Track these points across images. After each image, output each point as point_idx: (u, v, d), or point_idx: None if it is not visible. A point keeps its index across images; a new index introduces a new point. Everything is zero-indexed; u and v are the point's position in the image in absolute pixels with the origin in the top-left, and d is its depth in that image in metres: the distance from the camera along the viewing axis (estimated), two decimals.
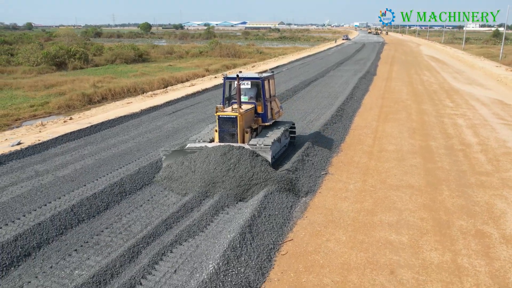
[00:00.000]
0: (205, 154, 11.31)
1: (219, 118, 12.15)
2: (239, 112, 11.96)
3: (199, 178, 10.81)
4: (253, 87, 13.32)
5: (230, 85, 13.71)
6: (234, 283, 6.98)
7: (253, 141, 12.13)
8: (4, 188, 11.47)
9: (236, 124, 12.00)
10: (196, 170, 11.07)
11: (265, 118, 13.27)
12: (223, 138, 12.27)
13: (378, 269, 7.88)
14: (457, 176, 12.78)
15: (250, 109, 12.81)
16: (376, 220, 9.81)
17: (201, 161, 11.16)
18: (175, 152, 12.08)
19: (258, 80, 13.09)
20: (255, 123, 13.09)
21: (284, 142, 14.35)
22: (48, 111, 28.49)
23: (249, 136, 12.46)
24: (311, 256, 8.26)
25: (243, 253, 7.78)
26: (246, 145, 11.76)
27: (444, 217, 10.07)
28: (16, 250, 7.96)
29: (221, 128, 12.23)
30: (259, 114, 13.18)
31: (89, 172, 12.58)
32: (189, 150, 11.95)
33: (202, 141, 12.56)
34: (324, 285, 7.36)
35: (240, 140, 12.16)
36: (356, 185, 11.96)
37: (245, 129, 12.33)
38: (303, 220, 9.74)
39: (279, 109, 14.62)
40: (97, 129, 17.95)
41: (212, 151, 11.32)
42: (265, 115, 13.21)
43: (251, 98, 13.28)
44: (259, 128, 13.42)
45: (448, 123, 19.81)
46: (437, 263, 8.11)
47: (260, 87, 13.16)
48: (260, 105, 13.17)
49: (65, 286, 7.05)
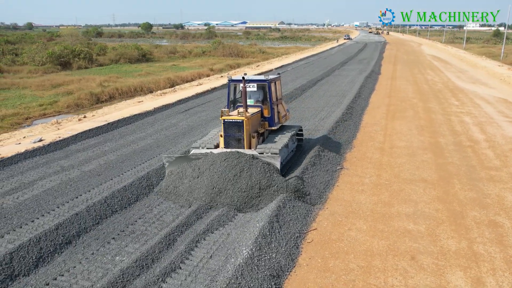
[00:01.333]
0: (210, 161, 10.72)
1: (224, 122, 11.59)
2: (245, 116, 11.39)
3: (204, 187, 10.23)
4: (259, 90, 12.84)
5: (235, 88, 13.23)
6: (268, 267, 7.47)
7: (260, 147, 11.68)
8: (34, 182, 11.96)
9: (242, 128, 11.45)
10: (200, 178, 10.48)
11: (272, 122, 12.72)
12: (228, 143, 11.70)
13: (399, 255, 8.37)
14: (467, 171, 13.26)
15: (257, 113, 12.29)
16: (394, 211, 10.31)
17: (206, 169, 10.57)
18: (179, 158, 11.47)
19: (265, 83, 12.54)
20: (262, 127, 12.53)
21: (292, 147, 13.84)
22: (57, 110, 28.87)
23: (256, 141, 11.90)
24: (335, 244, 8.75)
25: (273, 240, 8.28)
26: (253, 151, 11.35)
27: (458, 208, 10.56)
28: (58, 238, 8.44)
29: (226, 133, 11.65)
30: (265, 118, 12.66)
31: (113, 167, 13.07)
32: (194, 157, 11.38)
33: (206, 147, 11.99)
34: (350, 270, 7.85)
35: (247, 145, 11.62)
36: (371, 179, 12.45)
37: (252, 134, 11.77)
38: (325, 211, 10.24)
39: (286, 112, 14.03)
40: (114, 127, 18.44)
41: (217, 158, 10.75)
42: (272, 119, 12.69)
43: (257, 101, 12.88)
44: (266, 133, 12.86)
45: (455, 120, 20.30)
46: (454, 250, 8.60)
47: (266, 90, 12.68)
48: (267, 109, 12.65)
49: (109, 270, 7.53)
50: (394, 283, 7.46)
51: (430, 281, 7.53)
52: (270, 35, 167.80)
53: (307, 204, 10.26)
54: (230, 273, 7.05)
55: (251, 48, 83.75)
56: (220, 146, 11.95)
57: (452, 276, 7.71)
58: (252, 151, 11.40)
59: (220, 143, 11.96)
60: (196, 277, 7.33)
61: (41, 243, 8.13)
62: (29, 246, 7.95)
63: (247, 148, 11.60)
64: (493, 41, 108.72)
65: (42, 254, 7.96)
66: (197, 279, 7.29)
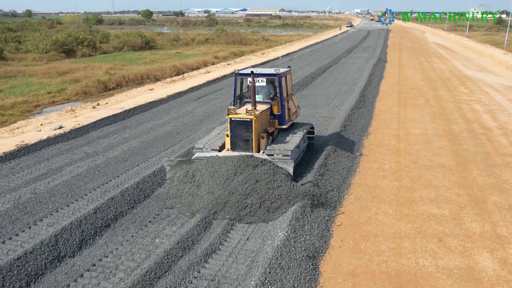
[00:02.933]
0: (216, 167, 9.72)
1: (231, 121, 10.53)
2: (254, 115, 10.36)
3: (206, 199, 9.26)
4: (268, 84, 11.80)
5: (241, 82, 12.16)
6: (304, 249, 7.79)
7: (270, 149, 10.62)
8: (61, 168, 12.23)
9: (251, 128, 10.40)
10: (202, 187, 9.54)
11: (282, 120, 11.64)
12: (235, 144, 10.70)
13: (427, 237, 8.68)
14: (483, 157, 13.54)
15: (266, 110, 11.21)
16: (417, 196, 10.61)
17: (210, 176, 9.60)
18: (181, 162, 10.40)
19: (275, 77, 11.48)
20: (271, 126, 11.47)
21: (303, 147, 12.61)
22: (66, 97, 28.98)
23: (265, 142, 10.84)
24: (364, 227, 9.06)
25: (305, 223, 8.59)
26: (263, 155, 10.28)
27: (478, 193, 10.86)
28: (97, 221, 8.74)
29: (233, 133, 10.63)
30: (275, 115, 11.59)
31: (137, 153, 13.34)
32: (197, 160, 10.33)
33: (211, 149, 10.92)
34: (381, 251, 8.17)
35: (256, 146, 10.58)
36: (391, 165, 12.73)
37: (261, 133, 10.76)
38: (349, 196, 10.53)
39: (296, 108, 12.95)
40: (130, 114, 18.66)
41: (223, 163, 9.75)
42: (282, 117, 11.62)
43: (267, 97, 11.84)
44: (275, 132, 11.78)
45: (466, 108, 20.52)
46: (479, 232, 8.92)
47: (276, 85, 11.71)
48: (277, 105, 11.56)
49: (152, 252, 7.84)
50: (425, 264, 7.78)
51: (459, 262, 7.85)
52: (272, 22, 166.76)
53: (334, 191, 10.55)
54: (269, 254, 7.36)
55: (254, 35, 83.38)
56: (226, 146, 10.93)
57: (479, 257, 8.03)
58: (262, 155, 10.33)
59: (226, 143, 10.93)
60: (237, 258, 7.64)
61: (82, 226, 8.43)
62: (71, 229, 8.25)
63: (255, 149, 10.59)
64: (496, 29, 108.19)
65: (84, 237, 8.26)
66: (238, 259, 7.61)
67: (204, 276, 7.12)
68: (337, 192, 10.53)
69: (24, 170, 12.08)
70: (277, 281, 6.82)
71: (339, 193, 10.53)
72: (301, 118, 17.12)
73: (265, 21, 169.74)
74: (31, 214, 9.35)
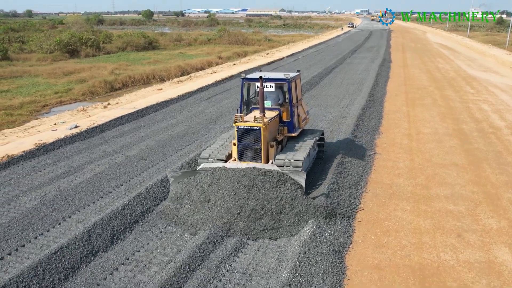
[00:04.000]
0: (222, 180, 9.20)
1: (238, 129, 10.01)
2: (263, 122, 9.82)
3: (212, 215, 8.75)
4: (277, 90, 11.32)
5: (248, 87, 11.69)
6: (330, 243, 8.05)
7: (279, 158, 10.16)
8: (82, 166, 12.49)
9: (259, 136, 9.87)
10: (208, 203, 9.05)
11: (291, 128, 11.13)
12: (243, 154, 10.15)
13: (446, 233, 8.94)
14: (495, 156, 13.80)
15: (275, 117, 10.68)
16: (433, 193, 10.87)
17: (215, 191, 9.10)
18: (186, 173, 9.81)
19: (284, 82, 10.97)
20: (281, 134, 10.91)
21: (313, 155, 11.92)
22: (73, 97, 29.17)
23: (274, 151, 10.32)
24: (384, 223, 9.32)
25: (326, 222, 8.83)
26: (273, 166, 9.61)
27: (492, 190, 11.12)
28: (126, 217, 9.00)
29: (240, 142, 10.09)
30: (284, 122, 11.05)
31: (155, 152, 13.60)
32: (203, 172, 9.70)
33: (217, 159, 10.39)
34: (403, 246, 8.43)
35: (264, 156, 10.05)
36: (405, 163, 12.99)
37: (270, 142, 10.26)
38: (367, 193, 10.79)
39: (306, 114, 12.43)
40: (143, 114, 18.91)
41: (230, 176, 9.22)
42: (292, 124, 11.10)
43: (275, 103, 11.36)
44: (284, 140, 11.27)
45: (473, 108, 20.78)
46: (496, 228, 9.17)
47: (286, 90, 11.27)
48: (286, 112, 11.05)
49: (182, 247, 8.10)
50: (446, 258, 8.04)
51: (479, 256, 8.11)
52: (272, 22, 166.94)
53: (352, 189, 10.81)
54: (297, 248, 7.61)
55: (256, 36, 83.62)
56: (233, 156, 10.42)
57: (498, 251, 8.28)
58: (272, 166, 9.62)
59: (233, 152, 10.41)
60: (265, 252, 7.90)
61: (112, 222, 8.68)
62: (102, 225, 8.50)
63: (264, 159, 10.05)
64: (497, 29, 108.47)
65: (115, 232, 8.52)
66: (267, 253, 7.87)
67: (235, 269, 7.38)
68: (355, 190, 10.79)
69: (45, 168, 12.34)
70: (307, 274, 7.08)
71: (357, 191, 10.79)
72: (313, 117, 17.42)
73: (266, 21, 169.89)
74: (59, 211, 9.60)
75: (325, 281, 7.05)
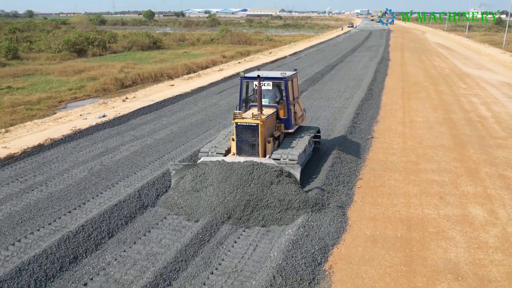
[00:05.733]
0: (223, 172, 9.71)
1: (237, 126, 10.57)
2: (260, 119, 10.36)
3: (212, 204, 9.28)
4: (274, 88, 11.86)
5: (247, 86, 12.26)
6: (335, 201, 9.93)
7: (276, 154, 10.68)
8: (117, 147, 14.36)
9: (257, 133, 10.43)
10: (208, 193, 9.55)
11: (288, 125, 11.71)
12: (241, 149, 10.74)
13: (430, 196, 10.82)
14: (478, 140, 15.67)
15: (272, 114, 11.24)
16: (421, 168, 12.74)
17: (218, 181, 9.61)
18: (187, 166, 10.39)
19: (281, 81, 11.52)
20: (278, 130, 11.51)
21: (309, 151, 12.41)
22: (86, 94, 30.90)
23: (271, 147, 10.90)
24: (379, 189, 11.19)
25: (333, 188, 10.70)
26: (269, 160, 10.33)
27: (473, 166, 12.99)
28: (166, 183, 10.85)
29: (239, 138, 10.66)
30: (281, 119, 11.64)
31: (179, 136, 15.48)
32: (203, 165, 10.24)
33: (216, 153, 10.98)
34: (394, 204, 10.30)
35: (262, 151, 10.61)
36: (399, 145, 14.87)
37: (267, 138, 10.81)
38: (366, 167, 12.67)
39: (302, 112, 13.00)
40: (161, 105, 20.79)
41: (229, 169, 9.74)
42: (289, 121, 11.69)
43: (273, 101, 11.93)
44: (281, 136, 11.85)
45: (464, 101, 22.65)
46: (472, 193, 11.04)
47: (283, 88, 11.79)
48: (283, 109, 11.64)
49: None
50: (429, 213, 9.91)
51: (456, 212, 9.97)
52: (273, 22, 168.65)
53: (352, 161, 12.70)
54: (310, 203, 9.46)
55: (257, 35, 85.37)
56: (232, 151, 11.00)
57: (472, 209, 10.15)
58: (268, 160, 10.33)
59: (232, 148, 10.99)
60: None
61: (156, 185, 10.57)
62: (148, 187, 10.38)
63: (261, 154, 10.63)
64: (495, 29, 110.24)
65: (159, 193, 10.40)
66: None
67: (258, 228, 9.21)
68: (355, 164, 12.67)
69: (85, 148, 14.21)
70: (317, 220, 8.95)
71: (357, 165, 12.67)
72: (317, 108, 19.31)
73: (266, 22, 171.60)
74: (107, 179, 11.47)
75: (331, 226, 8.93)
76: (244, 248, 8.24)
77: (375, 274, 7.57)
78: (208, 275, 7.34)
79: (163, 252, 8.02)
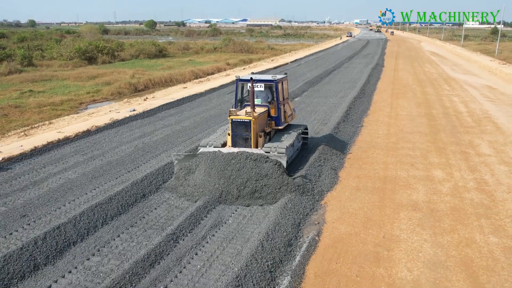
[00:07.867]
0: (218, 161, 11.05)
1: (232, 122, 11.92)
2: (253, 116, 11.69)
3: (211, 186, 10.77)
4: (266, 90, 13.18)
5: (242, 87, 13.60)
6: (329, 165, 13.06)
7: (267, 146, 11.98)
8: (152, 132, 17.50)
9: (249, 128, 11.75)
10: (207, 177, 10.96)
11: (278, 122, 13.07)
12: (236, 142, 12.05)
13: (403, 164, 13.94)
14: (451, 127, 18.81)
15: (264, 113, 12.59)
16: (399, 146, 15.88)
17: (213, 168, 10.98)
18: (187, 156, 11.76)
19: (272, 83, 12.84)
20: (269, 126, 12.86)
21: (297, 146, 14.04)
22: (103, 96, 33.80)
23: (262, 141, 12.24)
24: (364, 159, 14.32)
25: (327, 156, 13.83)
26: (260, 151, 11.62)
27: (441, 145, 16.12)
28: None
29: (234, 132, 11.99)
30: (272, 117, 12.98)
31: (202, 125, 18.66)
32: (202, 155, 11.60)
33: (214, 146, 12.31)
34: (375, 169, 13.42)
35: (254, 144, 11.92)
36: (383, 131, 18.02)
37: (259, 133, 12.13)
38: (355, 146, 15.81)
39: (292, 111, 14.39)
40: (181, 103, 23.97)
41: (224, 158, 11.08)
42: (279, 119, 13.03)
43: (265, 100, 13.20)
44: (272, 132, 13.16)
45: (445, 100, 25.84)
46: (437, 162, 14.17)
47: (273, 90, 13.05)
48: (274, 108, 12.95)
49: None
50: (401, 174, 13.03)
51: (422, 174, 13.09)
52: (273, 32, 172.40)
53: (344, 141, 15.85)
54: (307, 165, 12.57)
55: (259, 44, 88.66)
56: (228, 144, 12.31)
57: (434, 171, 13.27)
58: (259, 150, 11.68)
59: (228, 141, 12.33)
60: None
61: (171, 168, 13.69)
62: (165, 168, 13.44)
63: (254, 147, 11.92)
64: (491, 39, 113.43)
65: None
66: None
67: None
68: (347, 143, 15.82)
69: (126, 133, 17.34)
70: (315, 175, 12.09)
71: (348, 144, 15.82)
72: (315, 104, 22.48)
73: (266, 31, 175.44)
74: (150, 152, 14.60)
75: (326, 180, 12.05)
76: (247, 209, 11.34)
77: (357, 207, 10.69)
78: (213, 233, 10.24)
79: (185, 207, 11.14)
